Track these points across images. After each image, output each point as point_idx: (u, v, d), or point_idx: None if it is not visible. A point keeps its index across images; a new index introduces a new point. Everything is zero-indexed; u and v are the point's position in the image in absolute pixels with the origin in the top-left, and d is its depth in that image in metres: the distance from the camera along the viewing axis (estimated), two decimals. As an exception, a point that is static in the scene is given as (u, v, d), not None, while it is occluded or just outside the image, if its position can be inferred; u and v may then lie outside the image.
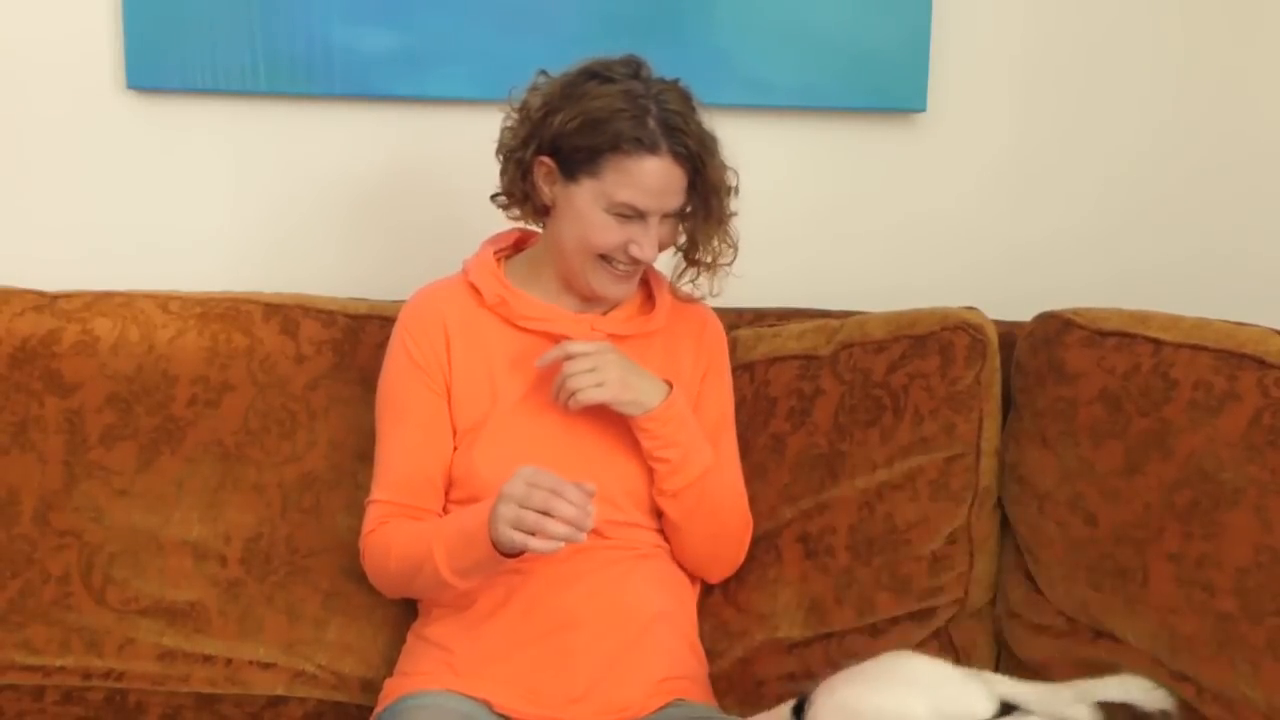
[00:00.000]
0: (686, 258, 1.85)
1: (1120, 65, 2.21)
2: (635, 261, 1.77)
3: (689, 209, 1.79)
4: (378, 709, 1.76)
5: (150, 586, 1.99)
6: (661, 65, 1.75)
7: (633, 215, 1.73)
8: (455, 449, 1.81)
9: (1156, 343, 1.82)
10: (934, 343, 1.92)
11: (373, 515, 1.81)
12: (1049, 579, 1.87)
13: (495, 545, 1.61)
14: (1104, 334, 1.86)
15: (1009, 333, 1.97)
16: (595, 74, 1.74)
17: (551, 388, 1.76)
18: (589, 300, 1.84)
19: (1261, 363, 1.74)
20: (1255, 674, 1.68)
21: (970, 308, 1.97)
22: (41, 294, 2.06)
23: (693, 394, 1.87)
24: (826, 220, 2.27)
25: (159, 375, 2.01)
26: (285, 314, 2.04)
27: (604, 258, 1.77)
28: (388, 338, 1.98)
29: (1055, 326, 1.91)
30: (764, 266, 2.24)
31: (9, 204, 2.28)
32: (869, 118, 2.24)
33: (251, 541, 1.99)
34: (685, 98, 1.75)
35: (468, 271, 1.86)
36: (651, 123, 1.70)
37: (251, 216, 2.28)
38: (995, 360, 1.93)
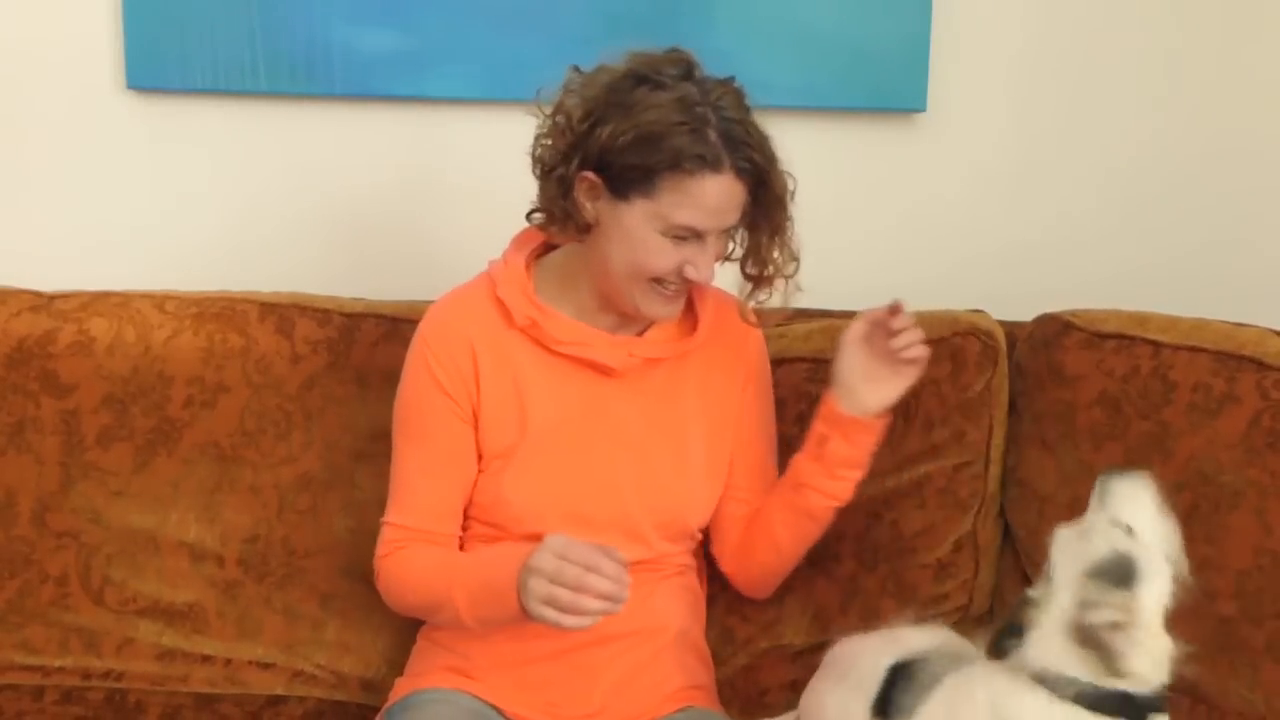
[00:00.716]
0: (747, 274, 1.73)
1: (1118, 65, 2.21)
2: (687, 281, 1.65)
3: (749, 222, 1.68)
4: (387, 704, 1.74)
5: (148, 587, 1.99)
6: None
7: (689, 236, 1.61)
8: (480, 472, 1.73)
9: (1155, 344, 1.82)
10: (945, 348, 1.91)
11: (388, 539, 1.73)
12: (1048, 582, 1.87)
13: (525, 612, 1.52)
14: (1103, 336, 1.86)
15: (1009, 333, 1.97)
16: (644, 78, 1.58)
17: (894, 338, 1.67)
18: (630, 319, 1.73)
19: (1260, 364, 1.74)
20: (1255, 676, 1.68)
21: (978, 311, 1.97)
22: (38, 294, 2.06)
23: (732, 407, 1.80)
24: (826, 220, 2.24)
25: (155, 376, 2.00)
26: (280, 313, 2.03)
27: (655, 280, 1.64)
28: (383, 336, 1.98)
29: (1054, 329, 1.90)
30: (763, 267, 2.24)
31: (8, 204, 2.28)
32: (869, 118, 2.23)
33: (248, 542, 1.99)
34: (741, 100, 1.62)
35: (495, 284, 1.72)
36: (713, 135, 1.56)
37: (251, 216, 2.28)
38: (1005, 366, 1.92)
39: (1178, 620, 1.71)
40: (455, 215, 2.24)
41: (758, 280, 1.73)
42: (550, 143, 1.65)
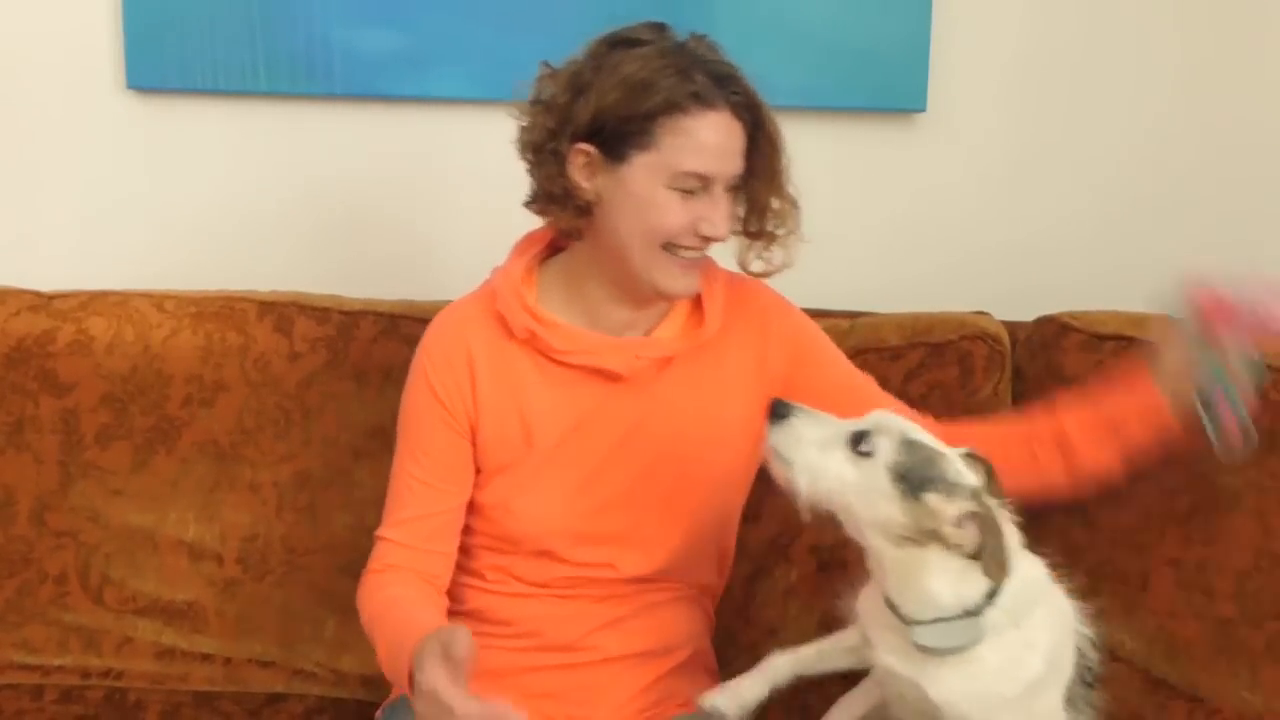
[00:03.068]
0: (748, 230, 1.65)
1: (1119, 65, 2.20)
2: (705, 241, 1.57)
3: (749, 170, 1.60)
4: (388, 700, 1.73)
5: (147, 586, 2.00)
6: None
7: (697, 188, 1.54)
8: (483, 488, 1.66)
9: (1154, 345, 1.81)
10: (952, 352, 1.90)
11: (378, 554, 1.66)
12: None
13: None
14: (1102, 337, 1.85)
15: (1009, 334, 1.96)
16: (619, 41, 1.56)
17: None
18: (644, 307, 1.66)
19: (1259, 365, 1.73)
20: (1254, 678, 1.68)
21: (983, 313, 1.97)
22: (38, 294, 2.07)
23: (776, 377, 1.68)
24: (826, 220, 2.26)
25: (153, 375, 2.01)
26: (279, 312, 2.03)
27: (667, 246, 1.57)
28: (381, 333, 1.98)
29: (1053, 330, 1.90)
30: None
31: (8, 203, 2.28)
32: (869, 118, 2.23)
33: (248, 541, 1.99)
34: (719, 49, 1.59)
35: (495, 296, 1.66)
36: (700, 75, 1.52)
37: (250, 216, 2.28)
38: (1010, 370, 1.91)
39: (1177, 620, 1.73)
40: (454, 215, 2.25)
41: (759, 235, 1.66)
42: (536, 125, 1.60)
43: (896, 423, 1.39)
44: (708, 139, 1.53)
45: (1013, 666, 1.39)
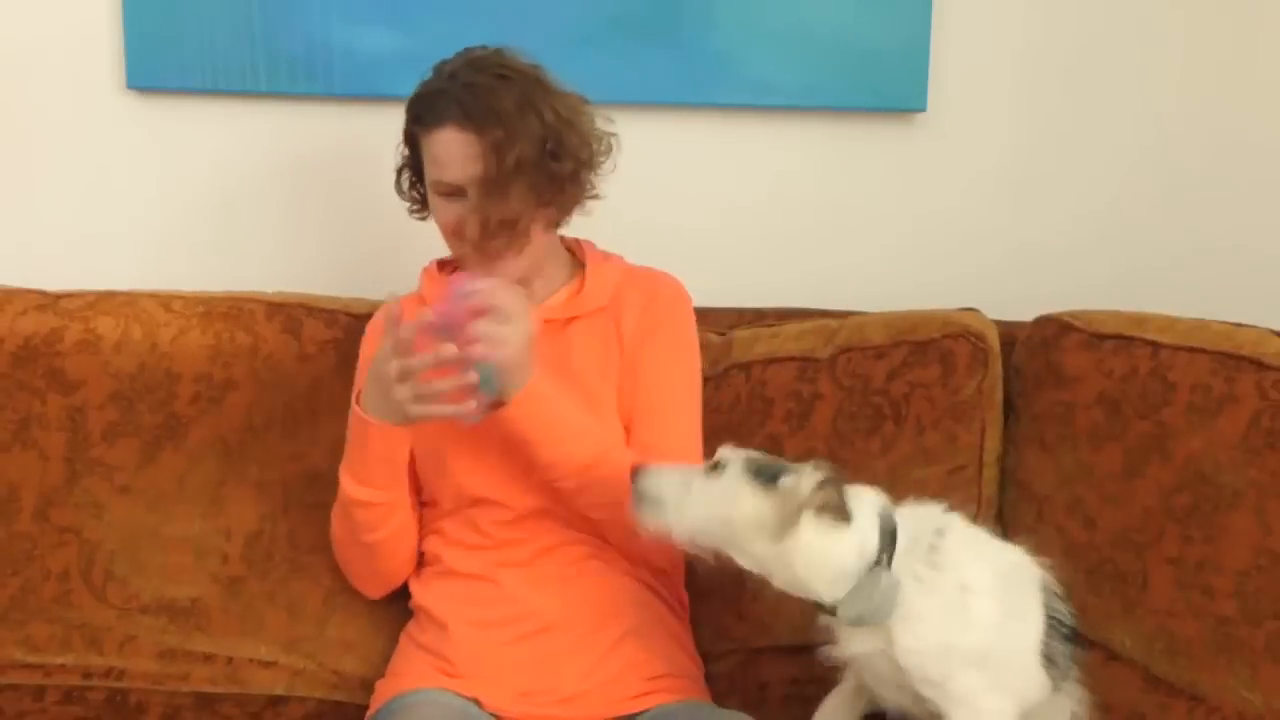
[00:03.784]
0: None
1: (1120, 65, 2.21)
2: (489, 241, 1.72)
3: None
4: (371, 710, 1.75)
5: (151, 584, 1.99)
6: (661, 65, 1.73)
7: (451, 192, 1.73)
8: (414, 454, 1.81)
9: (1154, 345, 1.82)
10: (935, 350, 1.90)
11: None
12: (1046, 583, 1.87)
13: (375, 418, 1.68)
14: (1102, 337, 1.86)
15: (1009, 334, 1.96)
16: (435, 66, 1.78)
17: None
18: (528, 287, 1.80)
19: (1259, 365, 1.74)
20: (1254, 677, 1.68)
21: (971, 310, 1.97)
22: (44, 294, 2.06)
23: (629, 364, 1.80)
24: (826, 220, 2.27)
25: (161, 373, 2.01)
26: (288, 313, 2.04)
27: (456, 238, 1.77)
28: (390, 337, 1.99)
29: (1053, 330, 1.91)
30: (763, 266, 2.25)
31: (10, 204, 2.28)
32: (869, 118, 2.23)
33: (253, 538, 1.99)
34: (497, 64, 1.73)
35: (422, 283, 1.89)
36: (442, 98, 1.71)
37: (251, 216, 2.28)
38: (997, 368, 1.92)
39: (1176, 619, 1.74)
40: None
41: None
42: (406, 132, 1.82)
43: (739, 450, 1.50)
44: (435, 151, 1.73)
45: (956, 613, 1.43)
